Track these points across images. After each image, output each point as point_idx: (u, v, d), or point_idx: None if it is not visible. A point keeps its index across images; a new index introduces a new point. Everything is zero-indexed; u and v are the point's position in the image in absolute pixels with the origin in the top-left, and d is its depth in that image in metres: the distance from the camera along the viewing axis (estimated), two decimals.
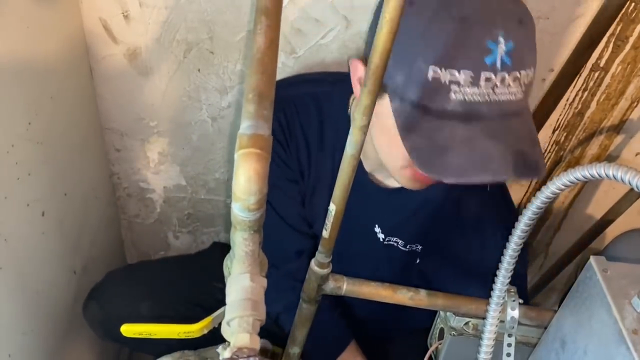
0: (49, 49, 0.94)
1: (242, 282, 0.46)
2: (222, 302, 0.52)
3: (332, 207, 0.62)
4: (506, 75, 0.63)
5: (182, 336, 0.75)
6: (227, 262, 0.58)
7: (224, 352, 0.44)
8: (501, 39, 0.62)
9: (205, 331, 0.72)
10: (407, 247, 0.93)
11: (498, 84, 0.63)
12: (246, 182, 0.43)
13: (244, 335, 0.44)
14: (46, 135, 0.95)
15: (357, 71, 0.73)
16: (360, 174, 0.79)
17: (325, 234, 0.66)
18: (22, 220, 0.91)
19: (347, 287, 0.73)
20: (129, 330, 0.77)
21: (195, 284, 1.10)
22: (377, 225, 0.93)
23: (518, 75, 0.64)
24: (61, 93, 1.00)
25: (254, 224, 0.47)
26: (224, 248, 0.95)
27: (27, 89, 0.89)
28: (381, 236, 0.93)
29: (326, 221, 0.64)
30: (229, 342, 0.45)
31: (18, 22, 0.84)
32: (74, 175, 1.09)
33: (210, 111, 1.16)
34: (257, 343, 0.44)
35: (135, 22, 1.02)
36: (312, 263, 0.70)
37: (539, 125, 1.13)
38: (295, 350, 0.82)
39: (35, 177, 0.92)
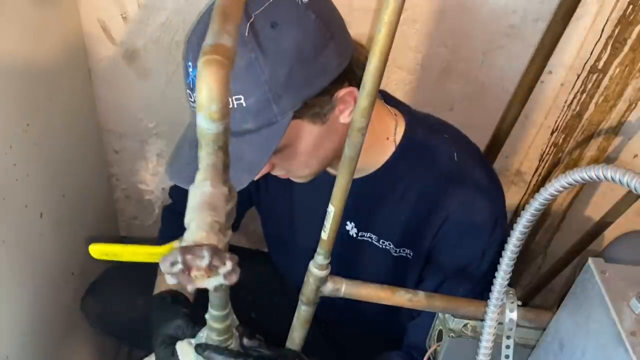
0: (47, 50, 0.94)
1: (203, 188, 0.44)
2: None
3: (331, 209, 0.62)
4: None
5: (147, 258, 0.75)
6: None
7: (177, 243, 0.41)
8: (190, 64, 0.71)
9: None
10: (380, 242, 0.91)
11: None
12: (207, 89, 0.42)
13: (200, 232, 0.41)
14: (44, 137, 0.95)
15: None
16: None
17: (324, 235, 0.65)
18: (20, 221, 0.91)
19: (345, 289, 0.73)
20: (96, 250, 0.78)
21: None
22: (349, 222, 0.91)
23: None
24: (59, 94, 1.00)
25: (218, 137, 0.45)
26: None
27: (25, 90, 0.89)
28: (354, 232, 0.92)
29: (325, 223, 0.64)
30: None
31: (16, 24, 0.84)
32: (72, 177, 1.09)
33: None
34: (215, 240, 0.41)
35: (134, 23, 1.02)
36: (311, 265, 0.70)
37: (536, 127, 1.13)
38: None
39: (33, 179, 0.92)
